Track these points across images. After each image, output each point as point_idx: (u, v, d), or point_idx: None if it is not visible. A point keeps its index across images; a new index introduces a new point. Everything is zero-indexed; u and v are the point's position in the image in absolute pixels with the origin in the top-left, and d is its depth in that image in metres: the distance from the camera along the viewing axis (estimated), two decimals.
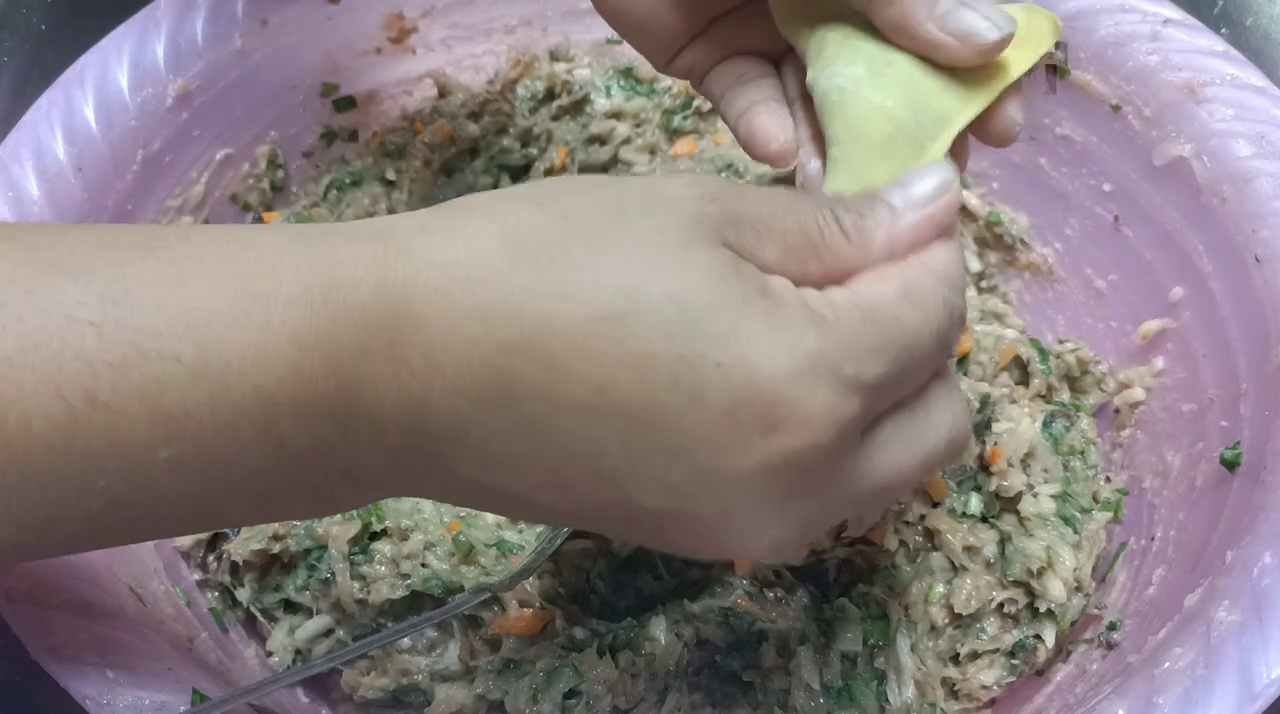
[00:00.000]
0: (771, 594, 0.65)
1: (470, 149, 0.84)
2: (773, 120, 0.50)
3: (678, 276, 0.34)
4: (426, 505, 0.68)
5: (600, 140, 0.87)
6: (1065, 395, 0.75)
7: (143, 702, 0.49)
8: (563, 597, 0.64)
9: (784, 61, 0.53)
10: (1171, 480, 0.67)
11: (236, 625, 0.67)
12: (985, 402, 0.66)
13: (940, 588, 0.64)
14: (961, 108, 0.45)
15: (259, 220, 0.82)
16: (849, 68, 0.46)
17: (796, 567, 0.64)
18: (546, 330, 0.34)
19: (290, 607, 0.67)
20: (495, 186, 0.84)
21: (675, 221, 0.35)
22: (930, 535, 0.66)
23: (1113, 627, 0.62)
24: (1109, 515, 0.68)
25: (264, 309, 0.34)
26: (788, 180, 0.86)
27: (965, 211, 0.84)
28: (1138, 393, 0.72)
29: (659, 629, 0.63)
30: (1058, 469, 0.68)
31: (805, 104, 0.50)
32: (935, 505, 0.66)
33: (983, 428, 0.67)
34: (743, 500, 0.35)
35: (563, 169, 0.84)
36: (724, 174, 0.82)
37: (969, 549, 0.63)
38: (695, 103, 0.87)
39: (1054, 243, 0.81)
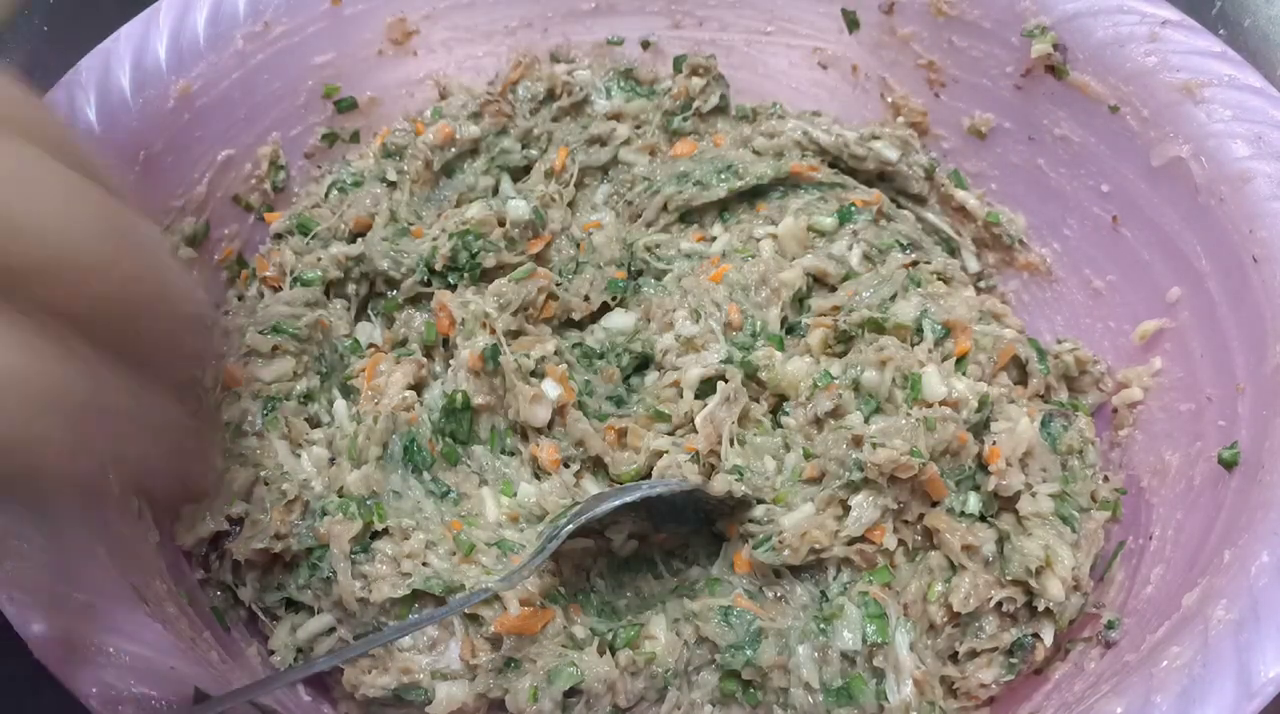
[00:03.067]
0: (771, 593, 0.65)
1: (471, 150, 0.84)
2: None
3: None
4: (428, 505, 0.68)
5: (600, 141, 0.87)
6: (1063, 395, 0.75)
7: (145, 699, 0.50)
8: (563, 595, 0.64)
9: None
10: (1169, 480, 0.67)
11: (238, 624, 0.68)
12: (984, 401, 0.67)
13: (939, 587, 0.64)
14: None
15: (261, 220, 0.83)
16: None
17: (796, 566, 0.65)
18: None
19: (292, 605, 0.67)
20: (496, 187, 0.84)
21: None
22: (929, 534, 0.66)
23: (1111, 625, 0.62)
24: (1107, 514, 0.68)
25: None
26: (786, 182, 0.85)
27: (964, 212, 0.84)
28: (1136, 392, 0.73)
29: (659, 628, 0.63)
30: (1056, 468, 0.68)
31: None
32: (934, 505, 0.66)
33: (981, 427, 0.67)
34: None
35: (563, 170, 0.84)
36: (722, 175, 0.82)
37: (967, 548, 0.64)
38: (695, 104, 0.87)
39: (1052, 243, 0.81)
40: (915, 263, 0.78)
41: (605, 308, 0.79)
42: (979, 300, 0.78)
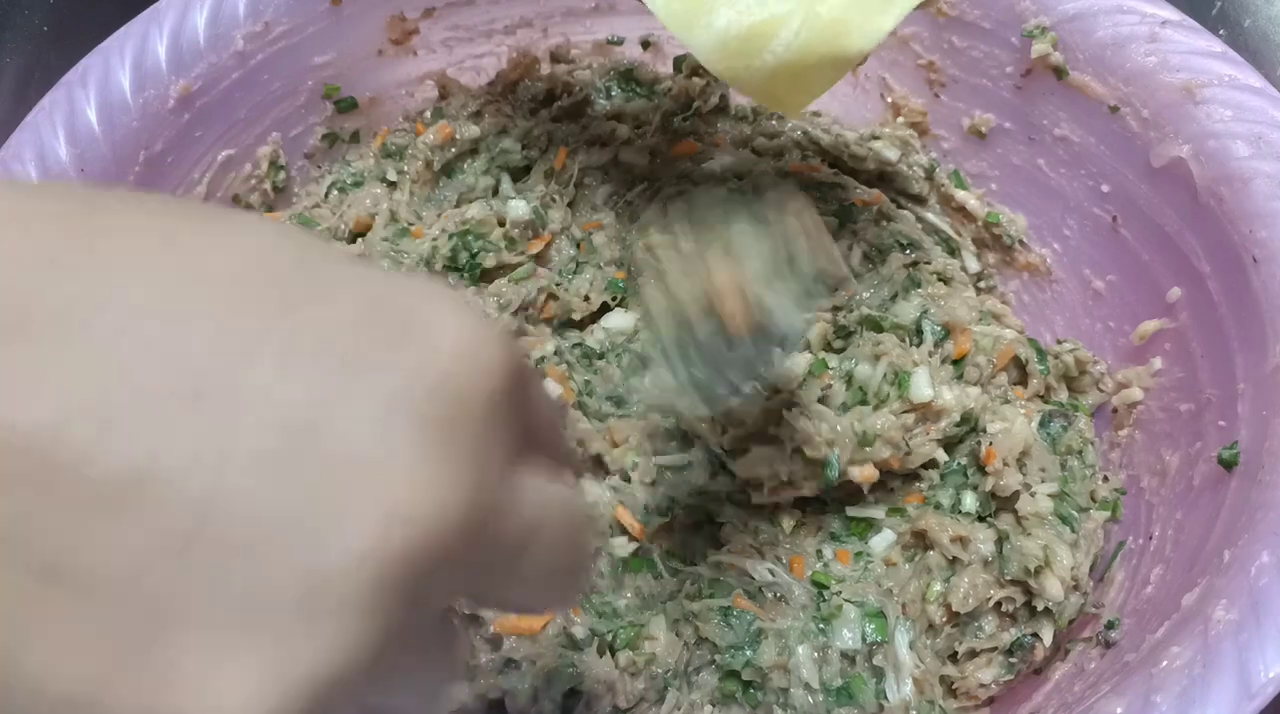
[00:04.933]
0: (771, 593, 0.65)
1: (471, 150, 0.84)
2: None
3: None
4: None
5: (601, 142, 0.87)
6: (1063, 395, 0.75)
7: None
8: None
9: None
10: (1169, 480, 0.67)
11: None
12: (967, 416, 0.67)
13: (938, 586, 0.64)
14: None
15: None
16: None
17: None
18: None
19: None
20: (496, 188, 0.84)
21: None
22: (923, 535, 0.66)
23: (1111, 625, 0.62)
24: (1107, 514, 0.68)
25: None
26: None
27: (964, 212, 0.84)
28: (1135, 393, 0.73)
29: (659, 628, 0.63)
30: (1055, 468, 0.68)
31: None
32: (920, 502, 0.66)
33: (974, 430, 0.67)
34: None
35: (563, 170, 0.84)
36: (723, 174, 0.82)
37: (960, 540, 0.64)
38: (695, 104, 0.87)
39: (1052, 243, 0.81)
40: (915, 263, 0.78)
41: (605, 308, 0.79)
42: (979, 301, 0.78)
